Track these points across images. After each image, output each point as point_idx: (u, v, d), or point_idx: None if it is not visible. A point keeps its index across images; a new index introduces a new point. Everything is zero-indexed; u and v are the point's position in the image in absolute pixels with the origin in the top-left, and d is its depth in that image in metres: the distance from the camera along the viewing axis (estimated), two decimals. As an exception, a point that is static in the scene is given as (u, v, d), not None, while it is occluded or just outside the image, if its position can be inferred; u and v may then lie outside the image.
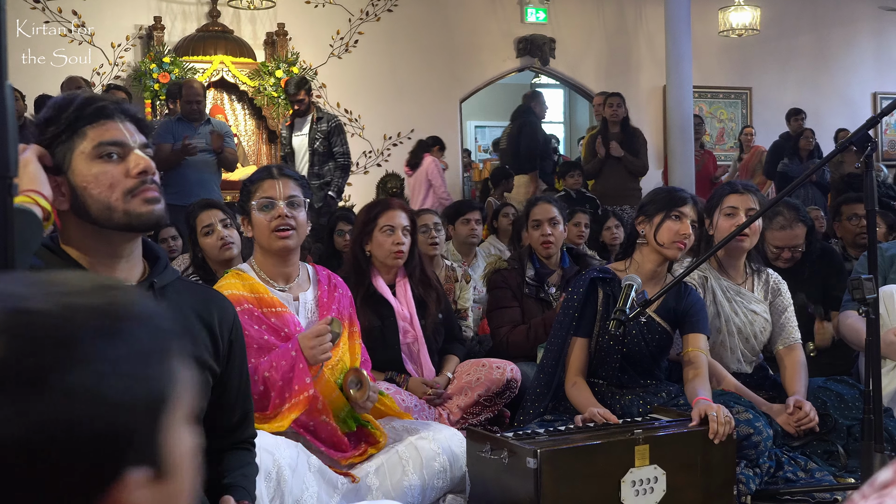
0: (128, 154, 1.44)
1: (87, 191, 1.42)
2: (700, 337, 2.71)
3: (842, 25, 10.18)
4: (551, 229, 3.60)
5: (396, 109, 8.39)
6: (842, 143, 2.16)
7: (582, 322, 2.77)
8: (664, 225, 2.72)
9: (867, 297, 1.97)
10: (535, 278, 3.63)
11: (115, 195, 1.42)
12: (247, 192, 2.34)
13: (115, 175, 1.42)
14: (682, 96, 7.40)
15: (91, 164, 1.42)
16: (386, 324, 3.07)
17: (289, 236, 2.29)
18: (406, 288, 3.16)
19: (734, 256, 3.06)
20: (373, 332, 2.97)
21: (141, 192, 1.43)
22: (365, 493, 2.20)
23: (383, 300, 3.09)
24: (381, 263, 3.11)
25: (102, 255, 1.47)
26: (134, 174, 1.43)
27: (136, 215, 1.43)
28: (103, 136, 1.42)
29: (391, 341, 3.08)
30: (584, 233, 4.95)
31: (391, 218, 3.06)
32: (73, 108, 1.42)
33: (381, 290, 3.09)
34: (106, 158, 1.42)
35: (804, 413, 2.74)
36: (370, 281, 3.09)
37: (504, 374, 3.14)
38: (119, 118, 1.45)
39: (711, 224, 3.06)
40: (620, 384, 2.78)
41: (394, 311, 3.09)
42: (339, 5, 8.26)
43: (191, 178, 5.52)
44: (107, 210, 1.42)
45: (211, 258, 3.36)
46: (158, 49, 7.23)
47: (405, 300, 3.14)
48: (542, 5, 8.93)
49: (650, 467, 2.23)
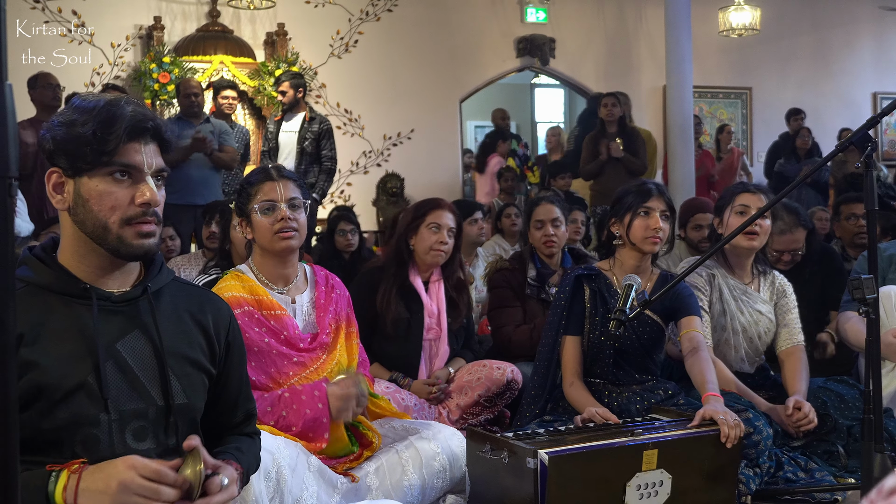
0: (139, 181, 1.43)
1: (89, 204, 1.41)
2: (693, 319, 2.73)
3: (842, 26, 10.17)
4: (554, 230, 3.62)
5: (396, 109, 8.38)
6: (841, 144, 2.16)
7: (571, 320, 2.78)
8: (634, 223, 2.74)
9: (867, 297, 1.97)
10: (537, 278, 3.64)
11: (113, 217, 1.41)
12: (246, 195, 2.34)
13: (119, 198, 1.41)
14: (682, 96, 7.40)
15: (100, 180, 1.41)
16: (413, 318, 3.12)
17: (292, 237, 2.29)
18: (439, 288, 3.21)
19: (743, 256, 3.07)
20: (399, 323, 3.07)
21: (138, 224, 1.43)
22: (365, 492, 2.20)
23: (415, 295, 3.14)
24: (420, 259, 3.16)
25: (97, 266, 1.46)
26: (137, 203, 1.42)
27: (126, 244, 1.42)
28: (121, 157, 1.41)
29: (414, 335, 3.14)
30: (580, 230, 5.00)
31: (439, 217, 3.13)
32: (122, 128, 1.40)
33: (415, 285, 3.15)
34: (116, 178, 1.41)
35: (804, 415, 2.74)
36: (407, 274, 3.13)
37: (504, 374, 3.14)
38: (145, 140, 1.44)
39: (721, 222, 3.06)
40: (616, 381, 2.79)
41: (423, 307, 3.13)
42: (339, 5, 8.25)
43: (193, 176, 5.51)
44: (102, 229, 1.41)
45: (238, 252, 3.37)
46: (158, 49, 7.23)
47: (437, 298, 3.19)
48: (542, 5, 8.93)
49: (657, 471, 2.22)
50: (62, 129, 1.40)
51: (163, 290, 1.53)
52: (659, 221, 2.72)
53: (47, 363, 1.36)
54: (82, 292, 1.42)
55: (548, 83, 11.68)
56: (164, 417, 1.46)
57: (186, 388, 1.50)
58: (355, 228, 4.97)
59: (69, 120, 1.41)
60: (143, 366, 1.45)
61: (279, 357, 2.24)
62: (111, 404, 1.40)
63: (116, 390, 1.41)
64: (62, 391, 1.36)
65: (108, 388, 1.39)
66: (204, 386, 1.55)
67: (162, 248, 4.70)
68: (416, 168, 8.35)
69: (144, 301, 1.48)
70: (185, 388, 1.49)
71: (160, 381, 1.46)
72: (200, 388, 1.54)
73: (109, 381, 1.40)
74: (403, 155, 8.36)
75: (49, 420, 1.36)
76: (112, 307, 1.45)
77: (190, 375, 1.51)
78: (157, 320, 1.47)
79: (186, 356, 1.51)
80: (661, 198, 2.76)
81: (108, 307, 1.44)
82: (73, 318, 1.41)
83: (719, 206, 3.13)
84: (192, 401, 1.50)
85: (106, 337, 1.42)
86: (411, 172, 8.30)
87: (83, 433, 1.38)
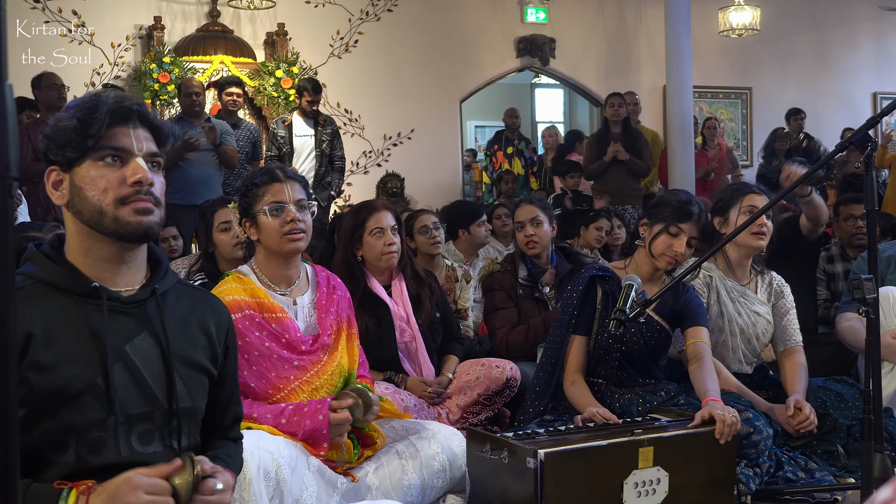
0: (128, 161, 1.43)
1: (83, 192, 1.42)
2: (701, 329, 2.72)
3: (842, 25, 10.17)
4: (534, 229, 3.63)
5: (396, 109, 8.38)
6: (841, 144, 2.15)
7: (581, 320, 2.77)
8: (660, 237, 2.73)
9: (867, 297, 1.97)
10: (529, 278, 3.66)
11: (106, 200, 1.41)
12: (252, 195, 2.32)
13: (110, 180, 1.41)
14: (682, 96, 7.40)
15: (91, 166, 1.42)
16: (382, 324, 3.07)
17: (300, 239, 2.29)
18: (402, 288, 3.16)
19: (746, 256, 3.06)
20: (369, 332, 2.98)
21: (133, 202, 1.42)
22: (364, 492, 2.20)
23: (379, 301, 3.09)
24: (374, 266, 3.11)
25: (103, 260, 1.46)
26: (129, 182, 1.42)
27: (124, 223, 1.42)
28: (108, 140, 1.42)
29: (388, 341, 3.08)
30: (602, 238, 4.98)
31: (379, 220, 3.06)
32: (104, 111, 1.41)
33: (376, 291, 3.10)
34: (107, 162, 1.42)
35: (804, 416, 2.74)
36: (365, 283, 3.08)
37: (504, 373, 3.14)
38: (133, 123, 1.45)
39: (725, 221, 3.06)
40: (619, 383, 2.78)
41: (390, 312, 3.09)
42: (339, 5, 8.25)
43: (193, 176, 5.51)
44: (98, 214, 1.41)
45: (222, 255, 3.36)
46: (158, 49, 7.22)
47: (401, 300, 3.14)
48: (542, 5, 8.92)
49: (653, 469, 2.22)
50: (51, 127, 1.43)
51: (168, 292, 1.53)
52: (683, 246, 2.71)
53: (58, 365, 1.36)
54: (92, 291, 1.42)
55: (548, 83, 11.68)
56: (169, 421, 1.46)
57: (191, 391, 1.50)
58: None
59: (58, 117, 1.44)
60: (150, 369, 1.45)
61: (280, 361, 2.23)
62: (118, 407, 1.39)
63: (124, 393, 1.41)
64: (71, 393, 1.36)
65: (117, 390, 1.39)
66: (205, 389, 1.55)
67: (164, 247, 4.71)
68: (416, 168, 8.35)
69: (152, 303, 1.48)
70: (189, 392, 1.49)
71: (166, 385, 1.46)
72: (203, 391, 1.54)
73: (118, 383, 1.40)
74: (403, 155, 8.35)
75: (56, 422, 1.35)
76: (121, 308, 1.45)
77: (194, 379, 1.51)
78: (164, 323, 1.47)
79: (191, 359, 1.51)
80: (696, 224, 2.73)
81: (118, 308, 1.44)
82: (82, 318, 1.41)
83: (720, 206, 3.12)
84: (195, 404, 1.51)
85: (115, 339, 1.42)
86: (411, 172, 8.30)
87: (90, 436, 1.37)
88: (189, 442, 1.50)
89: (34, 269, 1.43)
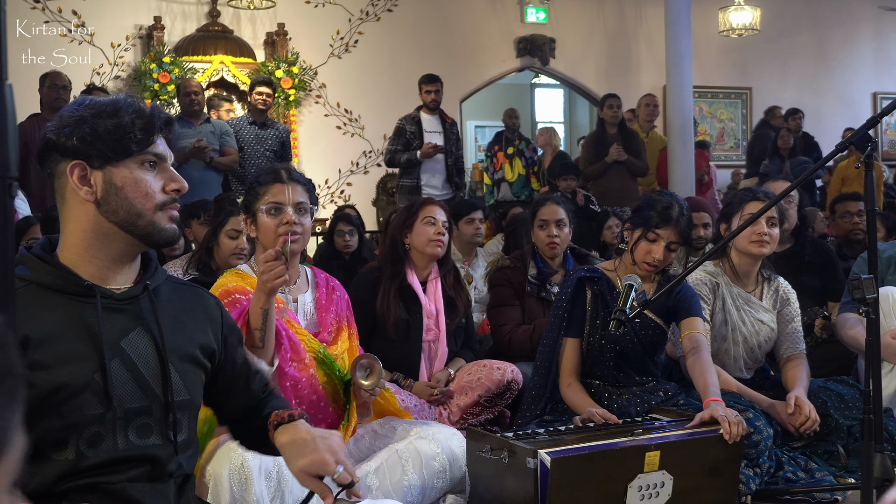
0: (163, 168, 1.49)
1: (124, 192, 1.44)
2: (695, 320, 2.71)
3: (842, 25, 10.18)
4: (557, 230, 3.60)
5: (396, 109, 8.37)
6: (841, 144, 2.15)
7: (572, 322, 2.77)
8: (640, 243, 2.73)
9: (867, 297, 1.97)
10: (538, 277, 3.64)
11: (148, 204, 1.46)
12: (254, 193, 2.34)
13: (152, 185, 1.47)
14: (682, 96, 7.39)
15: (134, 168, 1.45)
16: (412, 319, 3.12)
17: (295, 241, 2.29)
18: (437, 287, 3.21)
19: (750, 263, 3.05)
20: (399, 325, 3.07)
21: (169, 209, 1.49)
22: (365, 492, 2.19)
23: (413, 296, 3.14)
24: (418, 255, 3.17)
25: (110, 259, 1.47)
26: (169, 190, 1.48)
27: (159, 229, 1.47)
28: (153, 146, 1.47)
29: (414, 336, 3.13)
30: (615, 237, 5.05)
31: (433, 211, 3.17)
32: (158, 118, 1.47)
33: (412, 285, 3.14)
34: (148, 167, 1.47)
35: (805, 416, 2.74)
36: (404, 275, 3.13)
37: (504, 375, 3.14)
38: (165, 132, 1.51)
39: (729, 228, 3.05)
40: (616, 383, 2.78)
41: (421, 308, 3.13)
42: (339, 5, 8.26)
43: (193, 177, 5.51)
44: (136, 216, 1.45)
45: (220, 256, 3.36)
46: (158, 49, 7.23)
47: (434, 298, 3.19)
48: (542, 5, 8.93)
49: (658, 472, 2.21)
50: (92, 124, 1.43)
51: (160, 287, 1.54)
52: (661, 252, 2.70)
53: (56, 363, 1.37)
54: (85, 290, 1.43)
55: (548, 83, 11.68)
56: (167, 414, 1.47)
57: (187, 384, 1.51)
58: (354, 229, 4.96)
59: (95, 112, 1.44)
60: (146, 363, 1.47)
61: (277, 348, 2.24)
62: (116, 402, 1.41)
63: (122, 388, 1.42)
64: (70, 390, 1.37)
65: (114, 386, 1.41)
66: (201, 381, 1.57)
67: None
68: (416, 168, 8.33)
69: (145, 299, 1.50)
70: (186, 385, 1.51)
71: (162, 378, 1.47)
72: (199, 383, 1.56)
73: (115, 379, 1.41)
74: (403, 155, 8.35)
75: (56, 419, 1.36)
76: (115, 305, 1.46)
77: (189, 372, 1.53)
78: (158, 318, 1.48)
79: (185, 352, 1.53)
80: (676, 229, 2.70)
81: (112, 305, 1.45)
82: (76, 316, 1.42)
83: (726, 212, 3.13)
84: (192, 396, 1.53)
85: (110, 335, 1.43)
86: (411, 172, 8.28)
87: (89, 431, 1.39)
88: (187, 435, 1.51)
89: (24, 272, 1.43)
